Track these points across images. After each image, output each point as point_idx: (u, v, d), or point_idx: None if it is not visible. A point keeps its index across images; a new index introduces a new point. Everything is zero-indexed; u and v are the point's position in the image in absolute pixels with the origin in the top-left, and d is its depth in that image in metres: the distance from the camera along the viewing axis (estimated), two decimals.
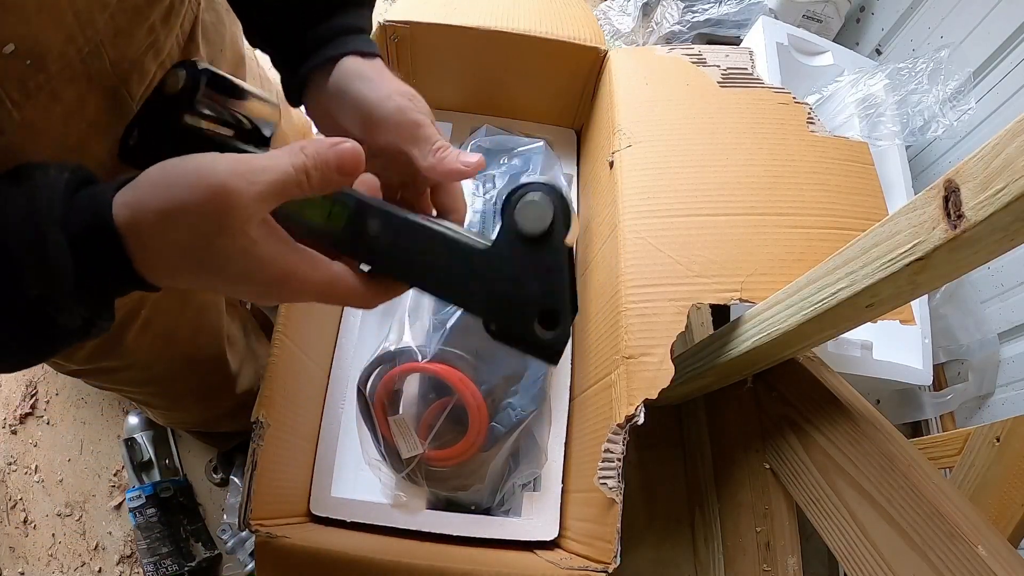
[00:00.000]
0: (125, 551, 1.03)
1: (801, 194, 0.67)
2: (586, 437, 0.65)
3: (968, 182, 0.33)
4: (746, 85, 0.76)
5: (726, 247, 0.62)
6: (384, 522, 0.65)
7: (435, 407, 0.68)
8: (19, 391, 1.13)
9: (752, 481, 0.78)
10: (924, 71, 1.03)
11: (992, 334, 1.03)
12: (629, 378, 0.56)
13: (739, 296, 0.59)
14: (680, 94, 0.75)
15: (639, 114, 0.74)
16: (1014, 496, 0.67)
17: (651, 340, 0.58)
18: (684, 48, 0.81)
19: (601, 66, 0.84)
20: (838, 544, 0.62)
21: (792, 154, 0.70)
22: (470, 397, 0.66)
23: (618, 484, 0.53)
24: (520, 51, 0.83)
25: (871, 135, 1.06)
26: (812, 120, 0.73)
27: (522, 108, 0.93)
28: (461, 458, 0.67)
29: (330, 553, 0.52)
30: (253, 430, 0.54)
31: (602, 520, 0.55)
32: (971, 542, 0.49)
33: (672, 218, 0.65)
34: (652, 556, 0.94)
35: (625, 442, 0.54)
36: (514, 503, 0.70)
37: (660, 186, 0.67)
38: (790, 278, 0.55)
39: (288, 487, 0.63)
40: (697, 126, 0.72)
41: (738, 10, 1.34)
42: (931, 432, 1.07)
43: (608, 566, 0.52)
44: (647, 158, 0.70)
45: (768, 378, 0.73)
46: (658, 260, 0.62)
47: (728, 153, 0.69)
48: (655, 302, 0.60)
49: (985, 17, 1.03)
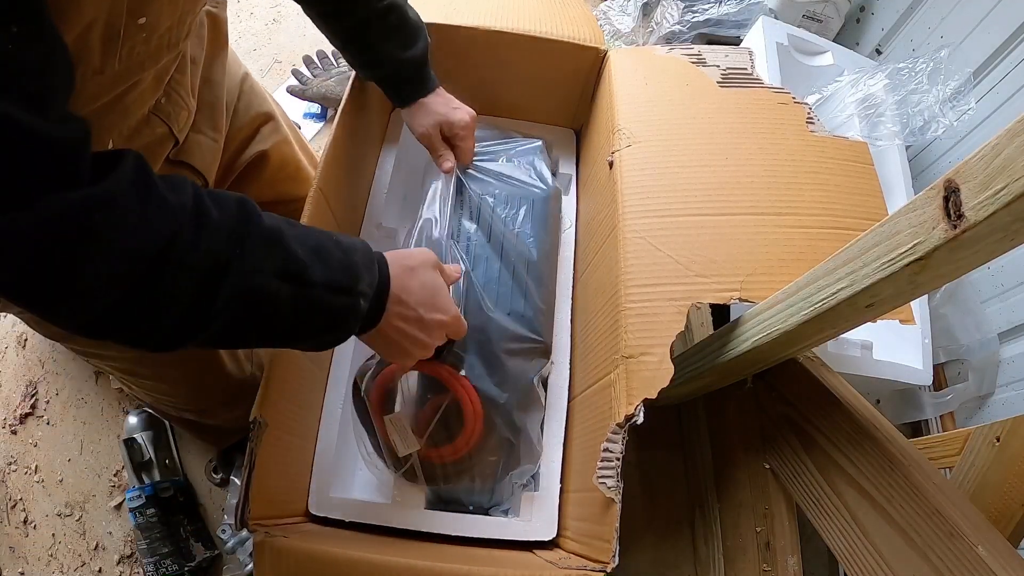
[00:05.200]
0: (125, 551, 1.03)
1: (801, 194, 0.67)
2: (585, 437, 0.65)
3: (968, 182, 0.33)
4: (746, 85, 0.76)
5: (726, 246, 0.62)
6: (383, 522, 0.65)
7: (431, 405, 0.68)
8: (19, 391, 1.13)
9: (752, 481, 0.78)
10: (924, 71, 1.03)
11: (992, 334, 1.03)
12: (628, 378, 0.56)
13: (739, 295, 0.59)
14: (680, 94, 0.75)
15: (639, 114, 0.74)
16: (1014, 496, 0.67)
17: (651, 340, 0.58)
18: (684, 48, 0.81)
19: (601, 66, 0.84)
20: (838, 544, 0.62)
21: (792, 154, 0.70)
22: (465, 394, 0.66)
23: (617, 484, 0.53)
24: (520, 51, 0.83)
25: (871, 135, 1.06)
26: (812, 120, 0.73)
27: (522, 108, 0.93)
28: (457, 455, 0.67)
29: (328, 553, 0.52)
30: (250, 430, 0.54)
31: (600, 519, 0.55)
32: (971, 542, 0.49)
33: (672, 217, 0.65)
34: (652, 556, 0.93)
35: (624, 442, 0.54)
36: (513, 503, 0.70)
37: (660, 186, 0.67)
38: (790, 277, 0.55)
39: (287, 487, 0.63)
40: (697, 126, 0.72)
41: (738, 10, 1.34)
42: (931, 432, 1.07)
43: (606, 566, 0.52)
44: (647, 158, 0.70)
45: (768, 378, 0.73)
46: (658, 260, 0.62)
47: (728, 153, 0.69)
48: (655, 302, 0.60)
49: (985, 17, 1.03)
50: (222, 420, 0.92)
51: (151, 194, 0.37)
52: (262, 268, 0.41)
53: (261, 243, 0.41)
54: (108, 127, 0.50)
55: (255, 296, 0.40)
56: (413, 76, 0.72)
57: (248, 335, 0.43)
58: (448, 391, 0.67)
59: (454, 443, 0.67)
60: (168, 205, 0.37)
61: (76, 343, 0.75)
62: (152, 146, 0.57)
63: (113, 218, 0.34)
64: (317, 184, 0.65)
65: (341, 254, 0.46)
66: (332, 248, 0.45)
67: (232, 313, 0.40)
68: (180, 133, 0.60)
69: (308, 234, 0.45)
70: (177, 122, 0.59)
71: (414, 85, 0.73)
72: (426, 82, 0.73)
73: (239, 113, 0.76)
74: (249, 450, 0.53)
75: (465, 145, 0.76)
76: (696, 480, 0.90)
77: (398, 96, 0.74)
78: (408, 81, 0.73)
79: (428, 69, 0.73)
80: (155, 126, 0.56)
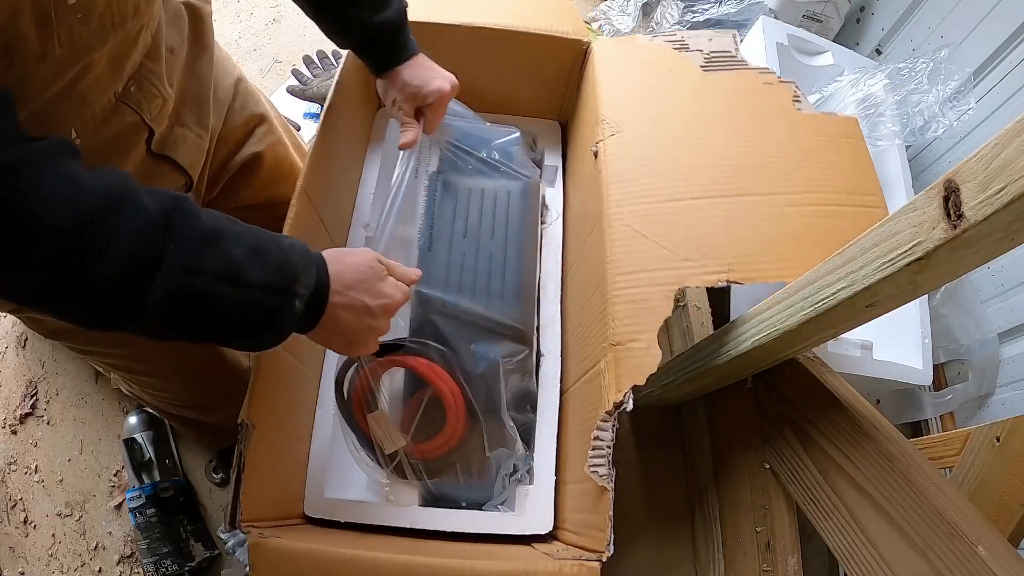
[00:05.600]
0: (125, 551, 1.03)
1: (789, 172, 0.66)
2: (579, 427, 0.65)
3: (968, 182, 0.33)
4: (730, 68, 0.76)
5: (712, 230, 0.62)
6: (378, 521, 0.65)
7: (414, 400, 0.69)
8: (19, 391, 1.13)
9: (752, 481, 0.78)
10: (924, 71, 1.03)
11: (992, 334, 1.03)
12: (617, 365, 0.56)
13: (727, 278, 0.59)
14: (663, 81, 0.75)
15: (622, 103, 0.74)
16: (1014, 496, 0.67)
17: (638, 326, 0.58)
18: (667, 34, 0.81)
19: (584, 58, 0.84)
20: (838, 543, 0.62)
21: (778, 133, 0.69)
22: (444, 386, 0.66)
23: (609, 471, 0.53)
24: (504, 46, 0.83)
25: (871, 135, 1.06)
26: (798, 98, 0.72)
27: (508, 102, 0.93)
28: (443, 448, 0.67)
29: (323, 551, 0.52)
30: (239, 432, 0.54)
31: (595, 509, 0.55)
32: (970, 541, 0.49)
33: (657, 204, 0.65)
34: (652, 556, 0.93)
35: (615, 429, 0.54)
36: (507, 498, 0.70)
37: (644, 173, 0.67)
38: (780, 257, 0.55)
39: (281, 489, 0.63)
40: (680, 111, 0.72)
41: (738, 10, 1.34)
42: (931, 432, 1.07)
43: (602, 555, 0.52)
44: (631, 146, 0.70)
45: (768, 378, 0.73)
46: (644, 246, 0.62)
47: (713, 136, 0.69)
48: (641, 288, 0.60)
49: (985, 17, 1.03)
50: (222, 417, 0.92)
51: (65, 171, 0.37)
52: (197, 267, 0.41)
53: (197, 241, 0.41)
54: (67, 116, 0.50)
55: (189, 294, 0.41)
56: (388, 42, 0.69)
57: (184, 331, 0.44)
58: (428, 385, 0.67)
59: (440, 436, 0.67)
60: (84, 185, 0.38)
61: (76, 342, 0.75)
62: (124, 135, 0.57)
63: (21, 188, 0.35)
64: (302, 185, 0.65)
65: (279, 254, 0.46)
66: (270, 248, 0.46)
67: (166, 309, 0.40)
68: (154, 122, 0.58)
69: (247, 233, 0.45)
70: (149, 111, 0.58)
71: (389, 52, 0.69)
72: (401, 49, 0.69)
73: (233, 113, 0.76)
74: (238, 452, 0.53)
75: (433, 114, 0.73)
76: (696, 480, 0.90)
77: (374, 64, 0.71)
78: (383, 48, 0.69)
79: (404, 35, 0.69)
80: (124, 115, 0.55)
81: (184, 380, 0.83)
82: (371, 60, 0.71)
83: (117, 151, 0.56)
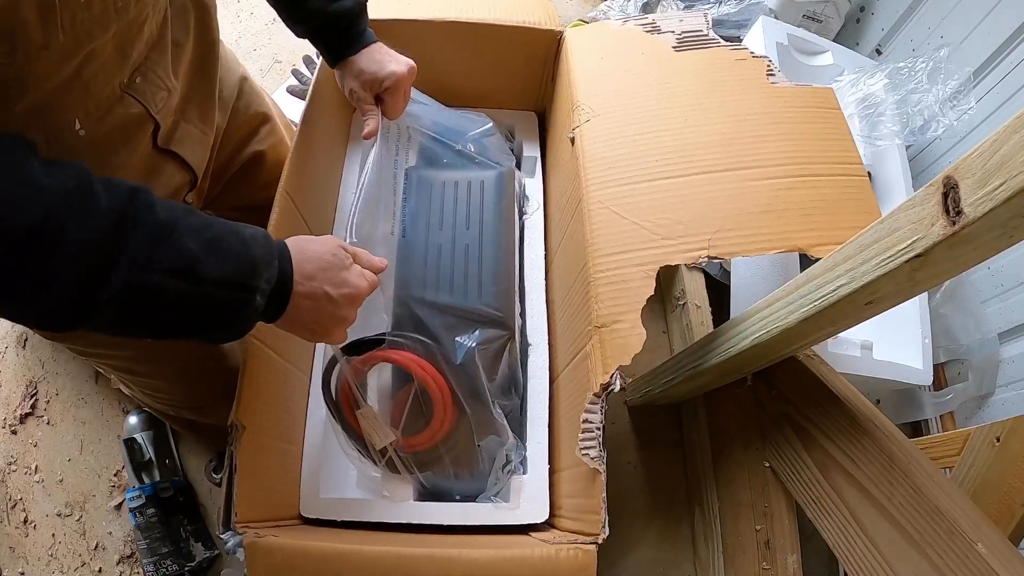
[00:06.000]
0: (125, 551, 1.03)
1: (765, 146, 0.67)
2: (569, 414, 0.65)
3: (967, 178, 0.33)
4: (702, 46, 0.76)
5: (691, 207, 0.63)
6: (374, 518, 0.65)
7: (401, 395, 0.68)
8: (19, 391, 1.13)
9: (752, 480, 0.78)
10: (924, 71, 1.03)
11: (992, 334, 1.03)
12: (603, 347, 0.57)
13: (707, 253, 0.59)
14: (635, 63, 0.76)
15: (595, 88, 0.74)
16: (1014, 496, 0.67)
17: (621, 307, 0.58)
18: (638, 18, 0.82)
19: (559, 47, 0.84)
20: (838, 542, 0.62)
21: (752, 108, 0.70)
22: (428, 378, 0.66)
23: (600, 453, 0.52)
24: (477, 40, 0.84)
25: (871, 135, 1.06)
26: (772, 72, 0.73)
27: (484, 96, 0.93)
28: (433, 440, 0.67)
29: (319, 547, 0.52)
30: (229, 434, 0.54)
31: (589, 492, 0.55)
32: (970, 539, 0.49)
33: (635, 184, 0.65)
34: (652, 556, 0.93)
35: (604, 411, 0.54)
36: (502, 489, 0.71)
37: (620, 155, 0.68)
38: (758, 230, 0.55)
39: (277, 490, 0.63)
40: (653, 92, 0.72)
41: (738, 10, 1.34)
42: (931, 432, 1.07)
43: (597, 537, 0.52)
44: (606, 130, 0.70)
45: (768, 376, 0.73)
46: (623, 228, 0.62)
47: (687, 114, 0.70)
48: (623, 269, 0.60)
49: (985, 17, 1.03)
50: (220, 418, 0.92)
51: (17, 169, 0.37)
52: (151, 262, 0.40)
53: (152, 235, 0.40)
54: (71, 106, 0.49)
55: (142, 291, 0.40)
56: (345, 31, 0.69)
57: (138, 328, 0.43)
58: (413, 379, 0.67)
59: (429, 428, 0.67)
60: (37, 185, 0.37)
61: (75, 343, 0.75)
62: (128, 127, 0.56)
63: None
64: (283, 187, 0.65)
65: (240, 246, 0.45)
66: (230, 240, 0.45)
67: (119, 306, 0.40)
68: (159, 115, 0.58)
69: (206, 226, 0.44)
70: (154, 102, 0.57)
71: (345, 41, 0.70)
72: (357, 39, 0.70)
73: (238, 112, 0.76)
74: (229, 453, 0.53)
75: (391, 99, 0.73)
76: (696, 479, 0.90)
77: (329, 53, 0.71)
78: (339, 37, 0.70)
79: (361, 25, 0.70)
80: (129, 106, 0.55)
81: (184, 382, 0.83)
82: (327, 49, 0.72)
83: (123, 144, 0.56)
